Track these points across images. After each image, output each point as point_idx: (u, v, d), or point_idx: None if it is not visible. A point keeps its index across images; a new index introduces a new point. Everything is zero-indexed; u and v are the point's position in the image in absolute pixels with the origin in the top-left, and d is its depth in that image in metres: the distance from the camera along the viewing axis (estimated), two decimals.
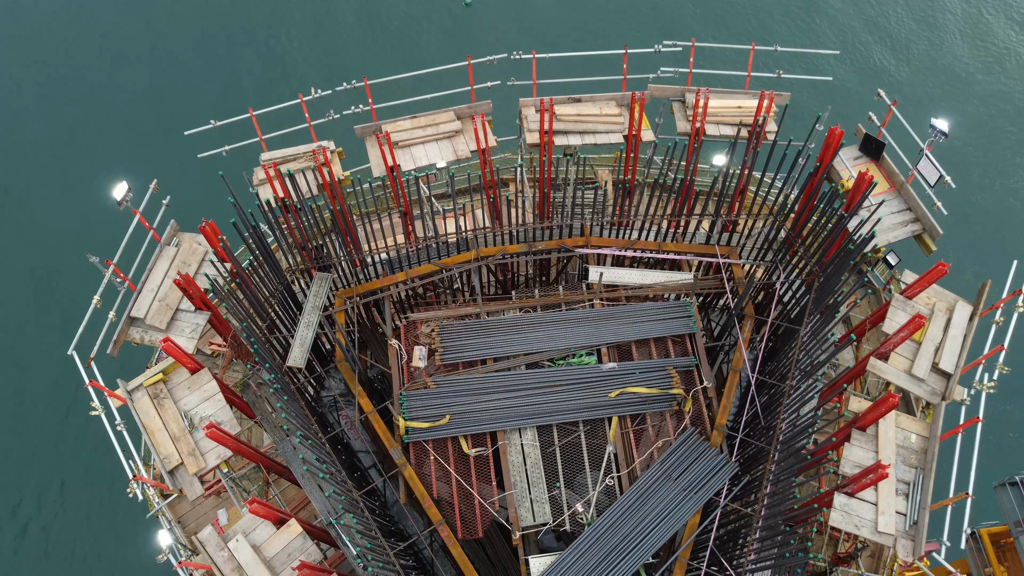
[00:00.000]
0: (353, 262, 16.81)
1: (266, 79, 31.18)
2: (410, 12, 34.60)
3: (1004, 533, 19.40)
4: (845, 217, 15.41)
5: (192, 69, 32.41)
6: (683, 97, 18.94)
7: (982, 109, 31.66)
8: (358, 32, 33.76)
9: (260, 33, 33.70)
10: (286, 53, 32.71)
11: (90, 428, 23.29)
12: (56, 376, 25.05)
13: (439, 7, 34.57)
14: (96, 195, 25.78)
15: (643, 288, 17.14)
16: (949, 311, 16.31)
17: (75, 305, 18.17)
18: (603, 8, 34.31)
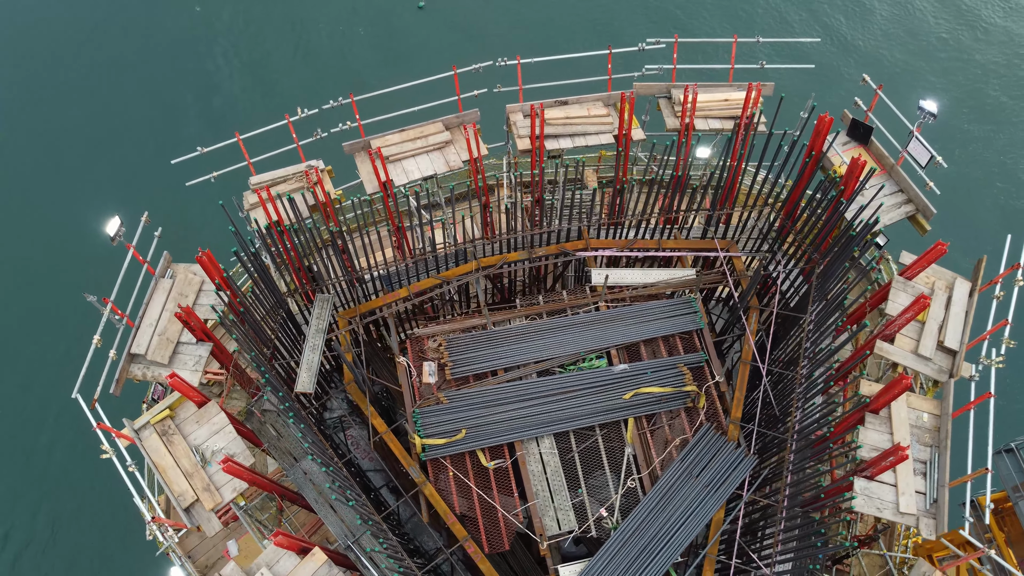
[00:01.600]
0: (352, 282, 16.57)
1: (250, 102, 30.85)
2: (394, 24, 34.51)
3: (1003, 499, 19.83)
4: (843, 204, 15.55)
5: (174, 96, 31.96)
6: (669, 94, 19.00)
7: (966, 88, 32.27)
8: (341, 48, 33.57)
9: (241, 56, 33.31)
10: (268, 75, 32.44)
11: (95, 469, 22.75)
12: (59, 417, 24.46)
13: (424, 19, 34.53)
14: (87, 229, 25.28)
15: (646, 287, 17.15)
16: (949, 289, 16.55)
17: (74, 344, 17.74)
18: (585, 9, 34.47)
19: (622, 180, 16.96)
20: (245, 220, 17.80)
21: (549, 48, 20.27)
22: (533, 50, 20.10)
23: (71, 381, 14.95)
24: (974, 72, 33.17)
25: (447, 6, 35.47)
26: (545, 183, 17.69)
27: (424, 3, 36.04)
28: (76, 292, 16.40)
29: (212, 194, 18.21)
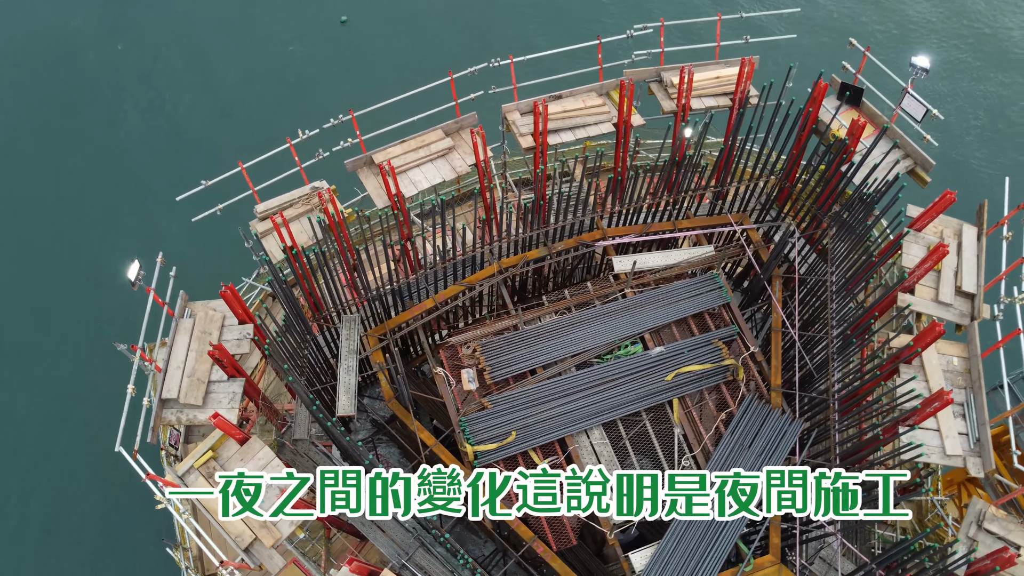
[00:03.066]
0: (384, 297, 16.39)
1: (248, 129, 30.26)
2: (383, 35, 34.45)
3: (1003, 432, 20.71)
4: (852, 165, 15.98)
5: (173, 133, 31.22)
6: (660, 77, 19.23)
7: (949, 42, 33.39)
8: (335, 65, 33.33)
9: (233, 85, 32.77)
10: (261, 101, 31.87)
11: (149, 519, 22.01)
12: (99, 471, 23.64)
13: (417, 30, 34.54)
14: (103, 274, 24.53)
15: (669, 269, 17.34)
16: (957, 236, 17.12)
17: (105, 395, 17.22)
18: (567, 3, 34.89)
19: (635, 168, 17.08)
20: (253, 249, 17.47)
21: (528, 46, 20.33)
22: (513, 48, 20.16)
23: (106, 433, 14.52)
24: (954, 26, 34.29)
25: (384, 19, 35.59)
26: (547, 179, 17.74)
27: (346, 18, 36.12)
28: (103, 340, 15.87)
29: (219, 227, 17.88)
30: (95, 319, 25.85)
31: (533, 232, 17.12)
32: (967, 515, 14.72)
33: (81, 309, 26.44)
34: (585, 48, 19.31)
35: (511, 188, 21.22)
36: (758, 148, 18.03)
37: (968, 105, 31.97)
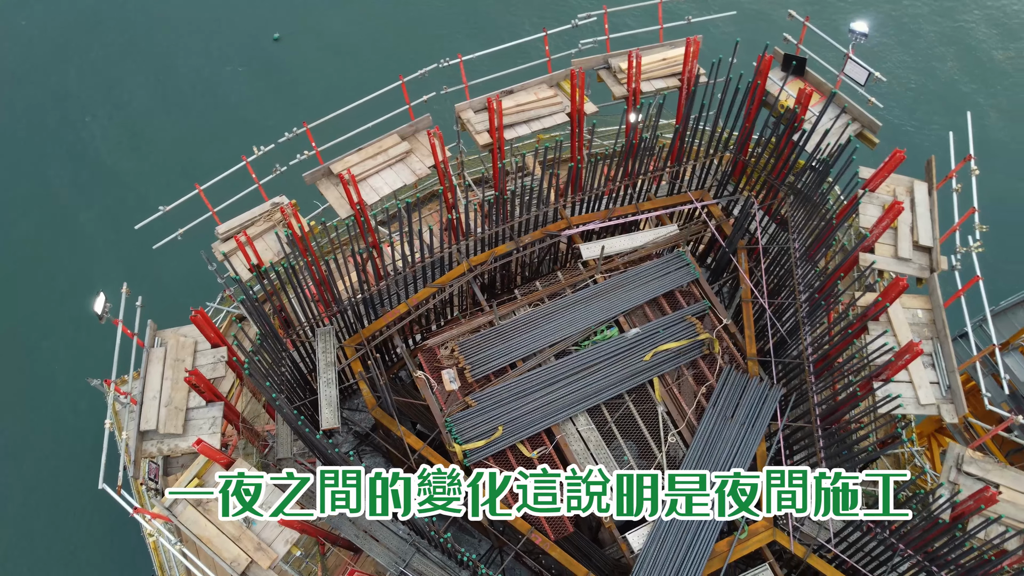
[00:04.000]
0: (355, 308, 16.31)
1: (201, 150, 29.78)
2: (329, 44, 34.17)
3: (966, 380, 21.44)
4: (804, 132, 16.35)
5: (126, 161, 30.57)
6: (608, 64, 19.44)
7: (884, 6, 34.19)
8: (280, 81, 32.96)
9: (181, 107, 32.18)
10: (211, 121, 31.39)
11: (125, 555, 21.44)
12: (85, 507, 23.02)
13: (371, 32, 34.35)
14: (68, 309, 23.88)
15: (636, 251, 17.54)
16: (910, 192, 17.63)
17: (84, 432, 16.85)
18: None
19: (593, 155, 17.24)
20: (217, 272, 17.25)
21: (476, 44, 20.38)
22: (461, 47, 20.20)
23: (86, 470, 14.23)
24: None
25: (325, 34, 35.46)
26: (505, 175, 17.84)
27: (279, 35, 36.01)
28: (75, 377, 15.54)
29: (180, 253, 17.62)
30: (65, 356, 25.28)
31: (498, 228, 17.17)
32: (946, 459, 15.17)
33: (49, 346, 25.84)
34: (532, 41, 19.45)
35: (471, 187, 21.27)
36: (710, 126, 18.36)
37: (908, 65, 32.88)
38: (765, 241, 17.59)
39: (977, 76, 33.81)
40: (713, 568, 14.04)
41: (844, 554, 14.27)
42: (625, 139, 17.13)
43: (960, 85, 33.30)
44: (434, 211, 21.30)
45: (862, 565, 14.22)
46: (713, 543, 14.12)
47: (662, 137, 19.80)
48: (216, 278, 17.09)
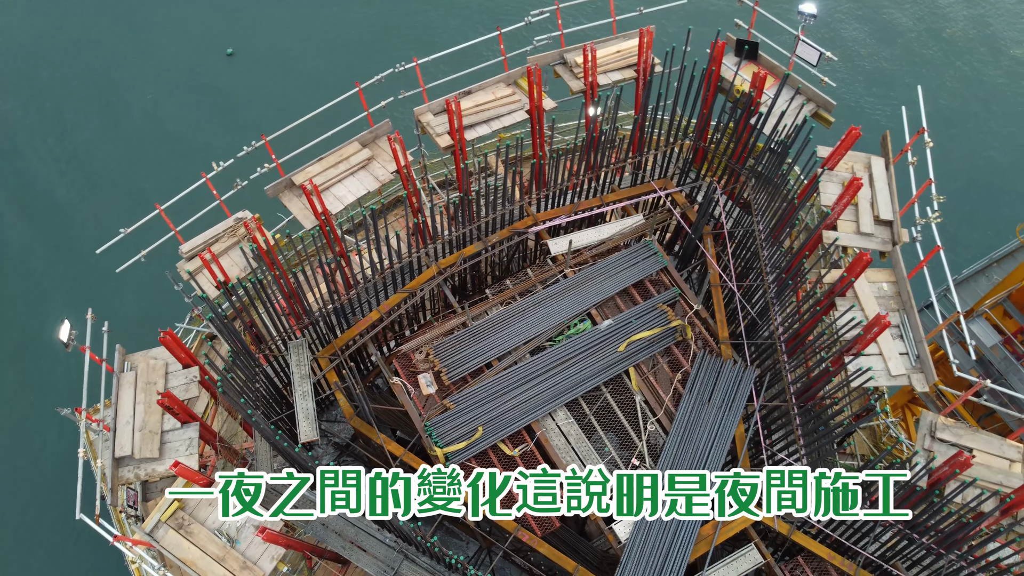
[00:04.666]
0: (326, 319, 16.20)
1: (159, 170, 29.36)
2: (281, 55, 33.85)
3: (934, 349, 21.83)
4: (760, 116, 16.54)
5: (83, 184, 29.99)
6: (563, 59, 19.51)
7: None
8: (236, 95, 32.59)
9: (137, 127, 31.67)
10: (167, 139, 30.94)
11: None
12: (63, 539, 22.53)
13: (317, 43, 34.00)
14: (33, 338, 23.35)
15: (603, 243, 17.63)
16: (868, 168, 17.90)
17: (56, 463, 16.56)
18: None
19: (555, 151, 17.29)
20: (184, 292, 17.05)
21: (430, 47, 20.34)
22: (415, 51, 20.16)
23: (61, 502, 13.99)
24: None
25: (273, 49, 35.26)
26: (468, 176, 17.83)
27: (232, 51, 35.80)
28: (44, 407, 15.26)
29: (144, 274, 17.39)
30: (31, 387, 24.77)
31: (465, 229, 17.16)
32: (920, 428, 15.45)
33: (14, 378, 25.31)
34: (487, 41, 19.46)
35: (436, 190, 21.23)
36: (669, 115, 18.50)
37: (859, 44, 33.40)
38: (730, 225, 17.77)
39: (927, 51, 34.49)
40: (700, 552, 14.16)
41: (827, 528, 14.47)
42: (586, 133, 17.20)
43: (911, 60, 33.93)
44: (400, 216, 21.24)
45: (845, 537, 14.43)
46: (698, 528, 14.25)
47: (622, 128, 19.89)
48: (183, 298, 16.88)
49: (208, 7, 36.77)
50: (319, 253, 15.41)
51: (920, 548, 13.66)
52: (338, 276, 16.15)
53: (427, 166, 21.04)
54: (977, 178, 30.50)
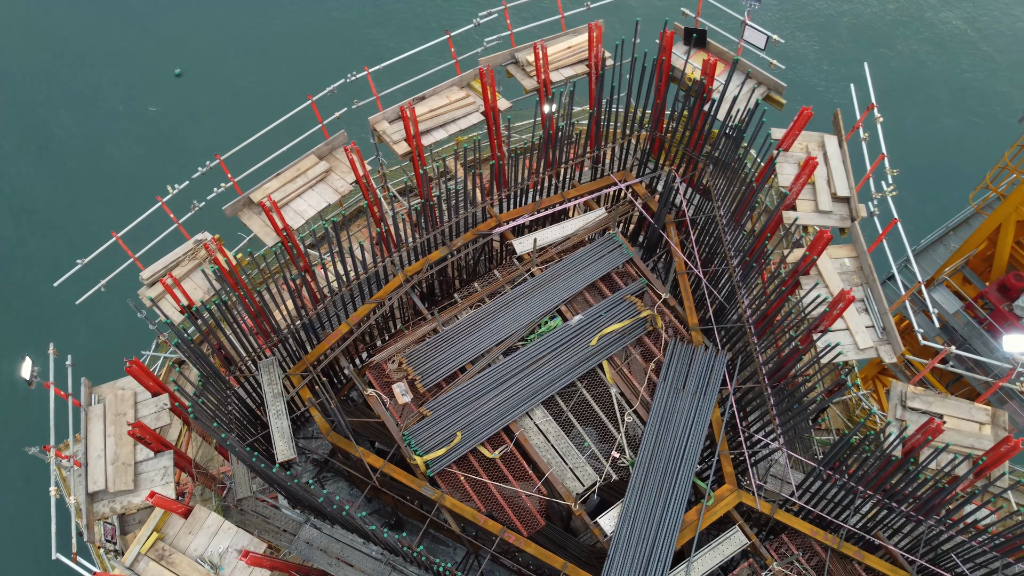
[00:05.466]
0: (296, 335, 16.03)
1: (113, 196, 28.74)
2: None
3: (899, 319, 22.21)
4: (713, 103, 16.70)
5: (34, 216, 29.27)
6: (515, 59, 19.52)
7: None
8: (187, 117, 32.02)
9: (82, 154, 30.99)
10: (119, 165, 30.31)
11: None
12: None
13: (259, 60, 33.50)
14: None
15: (568, 239, 17.67)
16: (821, 147, 18.16)
17: (26, 504, 16.18)
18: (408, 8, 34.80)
19: (513, 150, 17.28)
20: (148, 319, 16.76)
21: (380, 55, 20.22)
22: (366, 60, 20.04)
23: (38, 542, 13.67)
24: None
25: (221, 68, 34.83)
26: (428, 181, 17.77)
27: (180, 71, 35.44)
28: (11, 447, 14.90)
29: (105, 305, 17.07)
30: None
31: (429, 235, 17.10)
32: (890, 398, 15.71)
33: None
34: (437, 45, 19.40)
35: (397, 197, 21.13)
36: (623, 107, 18.60)
37: (806, 25, 33.91)
38: (692, 212, 17.92)
39: (872, 28, 35.10)
40: (686, 538, 14.26)
41: (808, 504, 14.65)
42: (542, 130, 17.23)
43: (857, 38, 34.53)
44: (362, 227, 21.10)
45: (827, 512, 14.62)
46: (682, 514, 14.34)
47: (578, 124, 19.99)
48: (147, 325, 16.60)
49: (152, 30, 36.26)
50: (283, 269, 15.22)
51: (899, 516, 13.88)
52: (304, 291, 16.00)
53: (386, 174, 20.93)
54: (929, 148, 31.14)
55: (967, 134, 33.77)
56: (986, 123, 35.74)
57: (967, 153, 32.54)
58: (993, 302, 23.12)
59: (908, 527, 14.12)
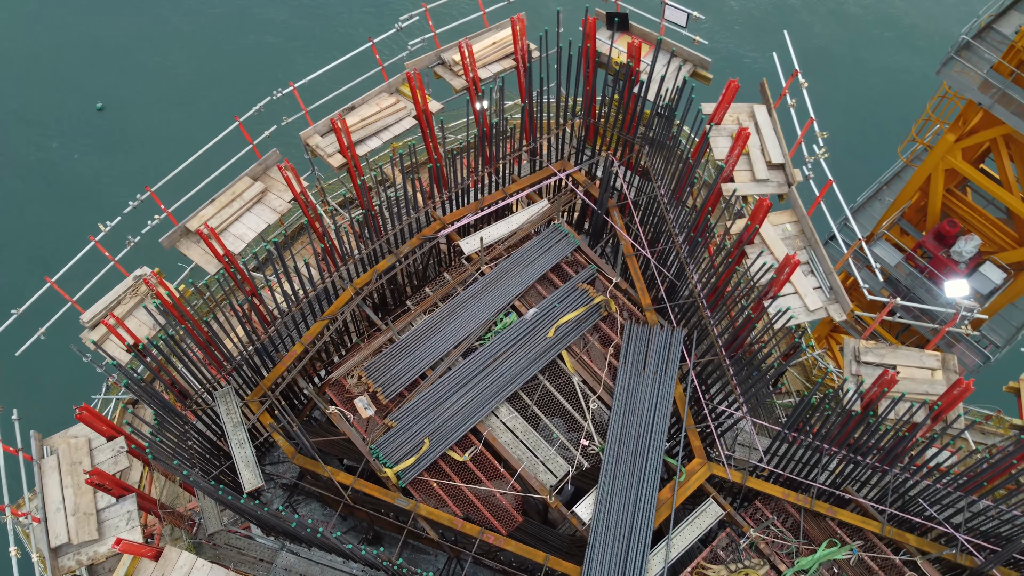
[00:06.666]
0: (250, 361, 15.72)
1: (45, 240, 27.74)
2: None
3: (844, 277, 22.68)
4: (642, 84, 16.84)
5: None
6: (441, 59, 19.41)
7: None
8: (110, 150, 31.06)
9: (11, 195, 29.92)
10: (49, 205, 29.29)
11: None
12: None
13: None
14: None
15: (514, 235, 17.65)
16: (752, 117, 18.45)
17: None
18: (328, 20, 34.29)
19: (450, 151, 17.20)
20: (94, 362, 16.29)
21: (304, 70, 19.92)
22: (291, 75, 19.76)
23: None
24: None
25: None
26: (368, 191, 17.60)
27: (102, 105, 34.67)
28: None
29: (47, 353, 16.55)
30: None
31: (375, 244, 16.93)
32: (845, 355, 16.05)
33: None
34: (361, 53, 19.19)
35: (338, 211, 20.87)
36: (555, 97, 18.64)
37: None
38: (633, 194, 18.05)
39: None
40: (663, 516, 14.38)
41: (777, 468, 14.89)
42: (477, 128, 17.18)
43: (776, 6, 35.15)
44: (306, 244, 20.80)
45: (796, 473, 14.88)
46: (657, 493, 14.46)
47: (511, 118, 19.99)
48: (95, 368, 16.12)
49: (66, 69, 35.21)
50: (229, 296, 14.91)
51: (865, 468, 14.20)
52: (253, 316, 15.71)
53: (324, 188, 20.67)
54: (856, 108, 31.90)
55: (891, 90, 34.70)
56: (908, 77, 36.79)
57: (893, 109, 33.43)
58: (931, 250, 23.80)
59: (875, 478, 14.45)
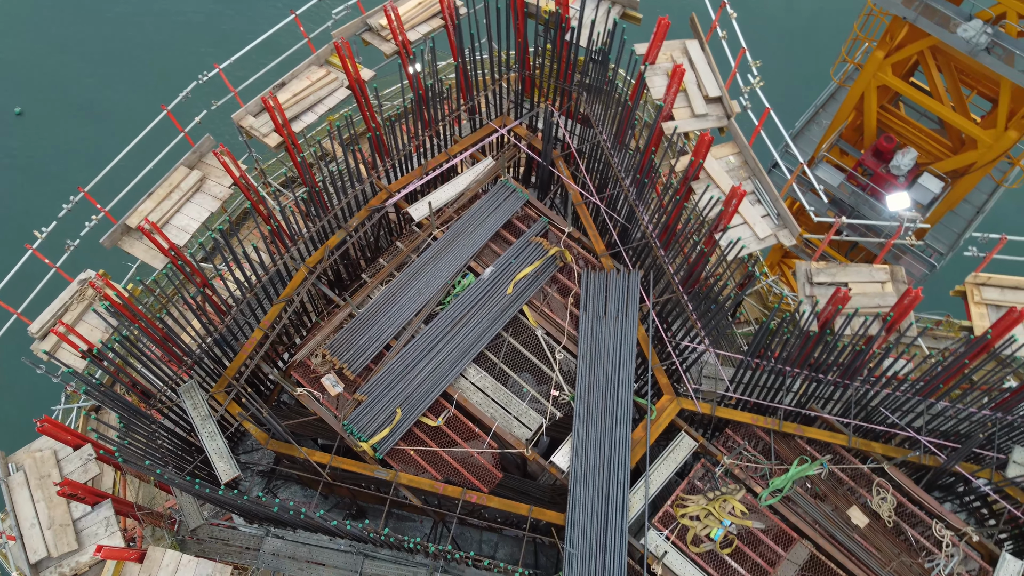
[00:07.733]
0: (210, 353, 15.51)
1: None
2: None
3: (791, 203, 23.03)
4: (573, 31, 16.71)
5: None
6: (368, 25, 19.02)
7: None
8: (34, 154, 29.93)
9: None
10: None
11: None
12: None
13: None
14: None
15: (462, 196, 17.55)
16: (685, 53, 18.48)
17: None
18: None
19: (388, 119, 16.93)
20: (49, 373, 15.92)
21: (229, 51, 19.33)
22: (215, 57, 19.16)
23: None
24: None
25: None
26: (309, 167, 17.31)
27: (20, 110, 33.38)
28: None
29: None
30: None
31: (323, 221, 16.70)
32: (798, 278, 16.40)
33: None
34: (284, 28, 18.70)
35: (281, 191, 20.50)
36: (488, 53, 18.41)
37: None
38: (576, 143, 18.02)
39: None
40: (639, 455, 14.69)
41: (744, 395, 15.27)
42: (412, 92, 16.93)
43: None
44: (253, 228, 20.42)
45: (762, 398, 15.28)
46: (630, 434, 14.74)
47: (446, 78, 19.73)
48: (51, 379, 15.77)
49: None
50: (180, 290, 14.63)
51: (828, 385, 14.63)
52: (208, 307, 15.46)
53: (264, 170, 20.25)
54: (786, 33, 32.06)
55: (820, 12, 34.92)
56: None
57: (823, 30, 33.69)
58: (871, 167, 24.28)
59: (838, 394, 14.91)
